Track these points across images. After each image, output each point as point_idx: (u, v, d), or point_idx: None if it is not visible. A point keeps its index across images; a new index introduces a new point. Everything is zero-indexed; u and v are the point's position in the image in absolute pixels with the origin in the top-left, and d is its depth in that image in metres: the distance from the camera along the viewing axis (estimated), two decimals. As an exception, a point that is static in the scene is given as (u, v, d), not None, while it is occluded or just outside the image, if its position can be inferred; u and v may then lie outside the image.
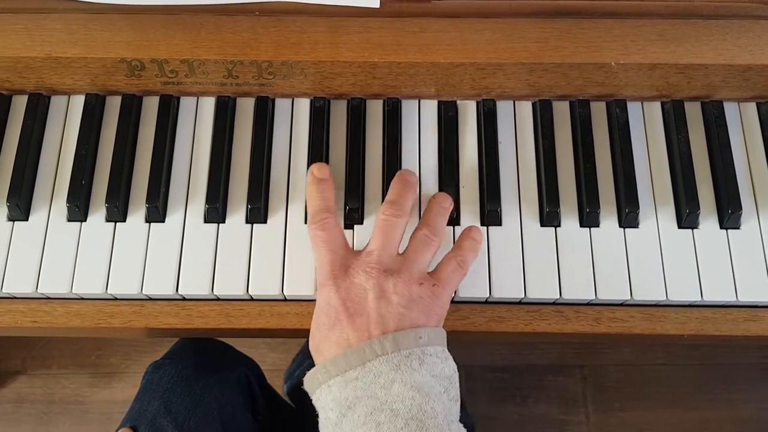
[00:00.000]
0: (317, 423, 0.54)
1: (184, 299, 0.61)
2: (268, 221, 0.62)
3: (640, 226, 0.62)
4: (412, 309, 0.52)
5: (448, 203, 0.60)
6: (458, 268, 0.56)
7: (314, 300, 0.60)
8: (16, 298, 0.61)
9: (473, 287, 0.59)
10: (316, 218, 0.56)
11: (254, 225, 0.62)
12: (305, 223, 0.62)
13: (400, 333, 0.50)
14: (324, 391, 0.50)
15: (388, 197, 0.58)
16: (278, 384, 1.16)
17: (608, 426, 1.30)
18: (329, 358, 0.50)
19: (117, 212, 0.61)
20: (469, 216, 0.62)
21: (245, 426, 0.75)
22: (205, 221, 0.62)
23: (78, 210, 0.61)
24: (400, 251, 0.56)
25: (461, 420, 0.52)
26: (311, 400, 0.54)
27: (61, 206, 0.62)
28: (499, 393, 1.29)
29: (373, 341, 0.49)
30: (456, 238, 0.61)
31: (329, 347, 0.51)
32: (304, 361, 1.12)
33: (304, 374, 1.13)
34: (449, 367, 0.51)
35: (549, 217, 0.61)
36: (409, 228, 0.58)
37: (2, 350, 1.33)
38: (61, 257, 0.60)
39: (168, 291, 0.59)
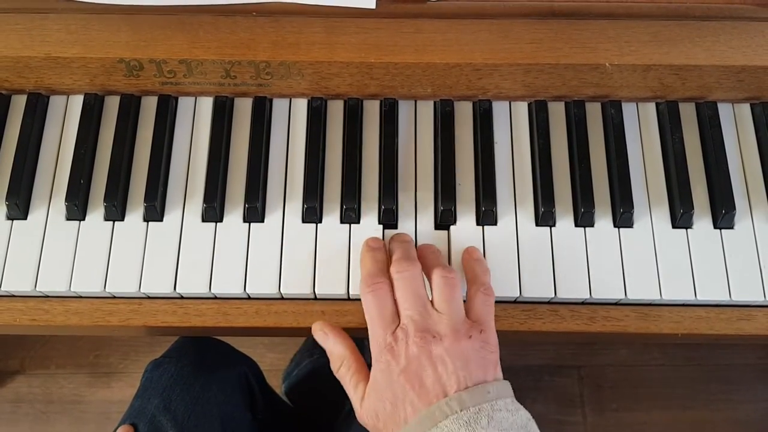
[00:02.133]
0: (315, 423, 0.55)
1: (182, 297, 0.61)
2: (265, 220, 0.62)
3: (634, 225, 0.62)
4: (470, 366, 0.51)
5: (434, 247, 0.60)
6: (487, 298, 0.56)
7: (311, 299, 0.61)
8: (14, 296, 0.61)
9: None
10: (369, 281, 0.55)
11: (251, 224, 0.62)
12: (303, 222, 0.62)
13: (466, 392, 0.50)
14: None
15: (392, 257, 0.57)
16: (276, 384, 1.16)
17: (605, 426, 1.30)
18: (403, 429, 0.50)
19: (115, 211, 0.61)
20: (465, 216, 0.62)
21: (244, 424, 0.75)
22: (203, 220, 0.62)
23: (76, 209, 0.61)
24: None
25: None
26: (310, 400, 0.54)
27: (59, 205, 0.62)
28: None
29: (441, 402, 0.49)
30: (451, 241, 0.61)
31: (396, 424, 0.51)
32: (302, 360, 1.12)
33: (303, 373, 1.13)
34: (521, 417, 0.51)
35: (544, 216, 0.62)
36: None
37: (1, 350, 1.33)
38: (60, 256, 0.61)
39: (166, 289, 0.60)
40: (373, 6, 0.60)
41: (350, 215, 0.62)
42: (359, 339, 0.58)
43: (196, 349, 0.76)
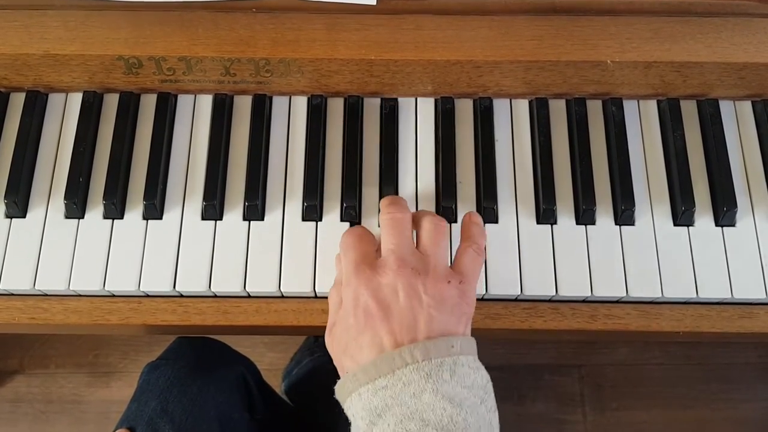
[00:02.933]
0: (315, 422, 0.55)
1: (182, 296, 0.61)
2: (265, 218, 0.62)
3: (635, 223, 0.62)
4: (443, 311, 0.50)
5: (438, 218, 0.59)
6: (477, 257, 0.54)
7: (311, 297, 0.61)
8: (13, 294, 0.61)
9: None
10: (354, 228, 0.55)
11: (251, 222, 0.62)
12: (303, 220, 0.62)
13: (431, 342, 0.48)
14: (354, 399, 0.49)
15: (382, 202, 0.56)
16: (276, 383, 1.16)
17: (605, 425, 1.30)
18: (359, 367, 0.49)
19: (114, 209, 0.61)
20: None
21: (243, 425, 0.75)
22: (203, 218, 0.62)
23: (76, 207, 0.61)
24: None
25: None
26: (310, 399, 0.54)
27: (58, 203, 0.62)
28: (497, 392, 1.27)
29: (403, 349, 0.48)
30: (452, 238, 0.61)
31: (361, 351, 0.49)
32: (303, 359, 1.12)
33: (303, 372, 1.13)
34: (482, 377, 0.50)
35: (545, 214, 0.61)
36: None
37: (0, 349, 1.33)
38: (59, 254, 0.60)
39: (165, 288, 0.60)
40: (373, 2, 0.60)
41: (350, 213, 0.62)
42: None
43: (193, 351, 0.76)
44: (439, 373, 0.47)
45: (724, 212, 0.61)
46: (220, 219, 0.62)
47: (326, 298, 0.61)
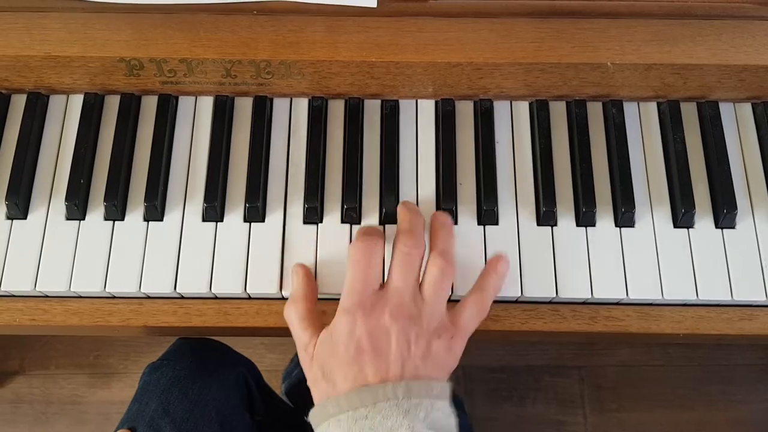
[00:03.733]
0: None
1: (182, 297, 0.61)
2: (266, 220, 0.62)
3: (635, 225, 0.62)
4: (428, 363, 0.52)
5: (450, 220, 0.59)
6: (478, 315, 0.56)
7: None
8: (14, 296, 0.61)
9: (469, 286, 0.59)
10: (360, 238, 0.55)
11: (252, 224, 0.62)
12: (304, 222, 0.62)
13: (414, 382, 0.50)
14: (333, 425, 0.50)
15: (402, 226, 0.57)
16: (277, 384, 1.16)
17: (606, 427, 1.30)
18: (343, 393, 0.51)
19: (115, 211, 0.61)
20: (467, 215, 0.62)
21: (243, 426, 0.75)
22: (203, 220, 0.62)
23: (76, 209, 0.61)
24: None
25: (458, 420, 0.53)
26: (310, 401, 0.54)
27: (59, 205, 0.62)
28: (497, 394, 1.29)
29: (387, 385, 0.50)
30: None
31: (344, 380, 0.51)
32: (302, 361, 1.12)
33: (302, 374, 1.13)
34: (450, 423, 0.52)
35: (545, 216, 0.61)
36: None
37: (0, 350, 1.33)
38: (60, 255, 0.60)
39: (166, 289, 0.60)
40: (374, 5, 0.60)
41: (351, 215, 0.62)
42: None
43: (194, 352, 0.76)
44: (416, 412, 0.49)
45: (724, 214, 0.61)
46: (221, 220, 0.62)
47: (327, 299, 0.61)
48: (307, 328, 0.55)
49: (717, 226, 0.62)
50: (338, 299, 0.60)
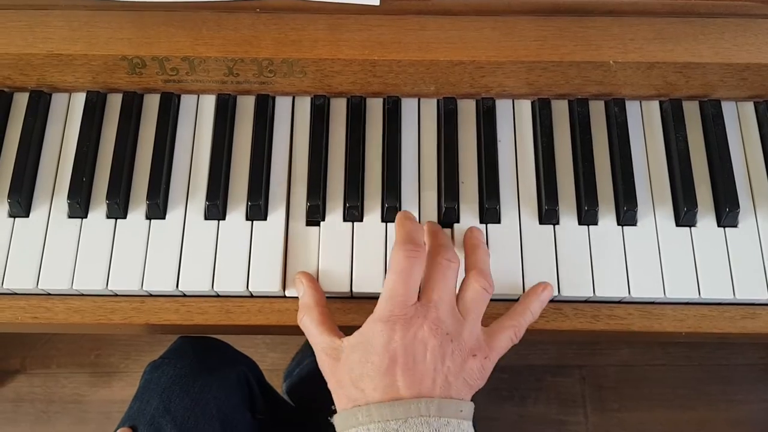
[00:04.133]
0: (316, 422, 0.55)
1: (184, 296, 0.61)
2: (268, 218, 0.62)
3: (638, 223, 0.62)
4: (459, 381, 0.52)
5: (484, 238, 0.60)
6: (512, 340, 0.56)
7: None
8: (16, 294, 0.61)
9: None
10: (409, 245, 0.54)
11: (254, 222, 0.62)
12: (306, 220, 0.62)
13: (445, 401, 0.50)
14: None
15: (437, 241, 0.56)
16: (278, 383, 1.16)
17: (607, 426, 1.30)
18: (374, 404, 0.50)
19: (118, 209, 0.61)
20: (469, 213, 0.62)
21: (244, 425, 0.75)
22: (206, 218, 0.62)
23: (79, 207, 0.61)
24: None
25: None
26: (311, 399, 0.54)
27: (62, 203, 0.62)
28: (498, 393, 1.29)
29: (420, 401, 0.50)
30: (455, 239, 0.61)
31: (374, 389, 0.51)
32: (304, 359, 1.12)
33: (304, 372, 1.13)
34: None
35: (547, 214, 0.61)
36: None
37: (1, 349, 1.33)
38: (62, 253, 0.60)
39: (168, 287, 0.60)
40: (376, 3, 0.60)
41: (353, 213, 0.62)
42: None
43: (195, 350, 0.76)
44: (444, 430, 0.49)
45: (727, 213, 0.61)
46: (223, 219, 0.62)
47: (329, 297, 0.61)
48: (325, 332, 0.55)
49: (719, 225, 0.62)
50: (340, 297, 0.61)
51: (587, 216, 0.62)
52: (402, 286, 0.53)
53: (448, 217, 0.62)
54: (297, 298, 0.61)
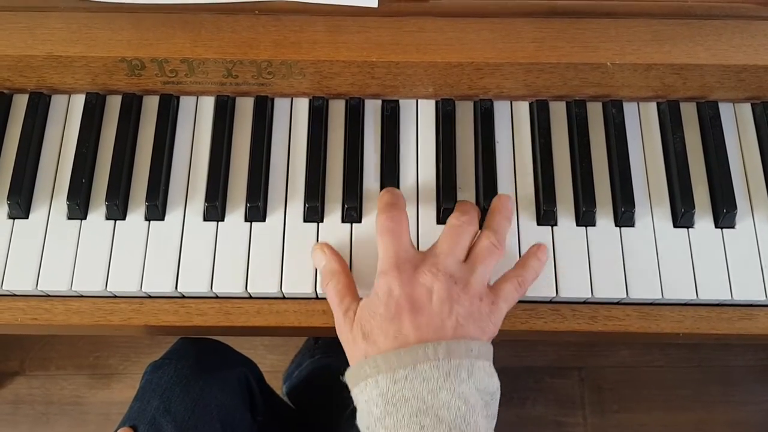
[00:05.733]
0: (316, 424, 0.55)
1: (183, 297, 0.61)
2: (266, 219, 0.62)
3: (635, 225, 0.62)
4: (469, 322, 0.51)
5: (512, 204, 0.60)
6: (518, 288, 0.56)
7: (312, 298, 0.61)
8: (16, 295, 0.61)
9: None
10: (387, 210, 0.56)
11: (253, 223, 0.62)
12: (304, 221, 0.62)
13: (453, 342, 0.50)
14: (371, 385, 0.50)
15: (456, 206, 0.58)
16: (277, 385, 1.16)
17: (606, 428, 1.30)
18: (380, 354, 0.50)
19: (117, 210, 0.61)
20: (467, 215, 0.62)
21: (244, 426, 0.75)
22: (205, 219, 0.62)
23: (78, 208, 0.61)
24: None
25: None
26: (311, 401, 0.54)
27: (61, 204, 0.62)
28: (497, 394, 1.29)
29: (428, 345, 0.49)
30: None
31: (384, 339, 0.51)
32: (303, 361, 1.12)
33: (304, 374, 1.13)
34: (493, 384, 0.51)
35: (545, 215, 0.62)
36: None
37: (0, 351, 1.33)
38: (61, 255, 0.61)
39: (167, 289, 0.60)
40: (375, 5, 0.60)
41: (352, 214, 0.62)
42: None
43: (196, 351, 0.76)
44: (457, 372, 0.49)
45: (724, 214, 0.62)
46: (222, 220, 0.62)
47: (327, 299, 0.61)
48: (346, 296, 0.55)
49: (717, 226, 0.62)
50: (339, 298, 0.61)
51: (585, 217, 0.62)
52: (392, 239, 0.54)
53: (446, 217, 0.62)
54: (296, 299, 0.61)
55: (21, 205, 0.61)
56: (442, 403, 0.48)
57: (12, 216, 0.62)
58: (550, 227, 0.62)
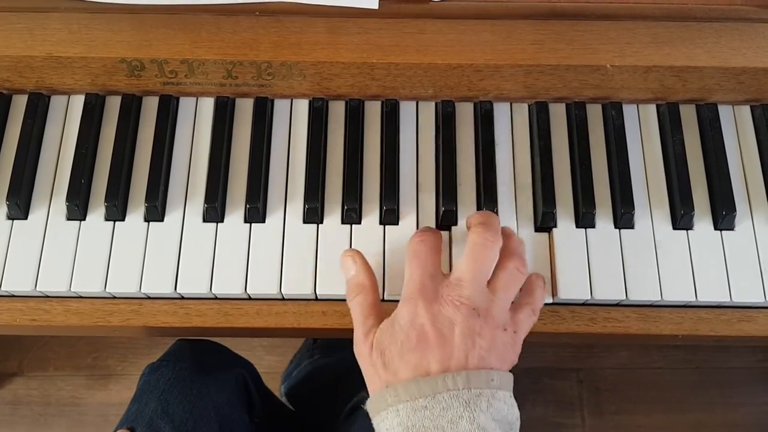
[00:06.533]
0: (315, 424, 0.55)
1: (183, 298, 0.61)
2: (266, 221, 0.62)
3: (635, 227, 0.62)
4: (492, 354, 0.51)
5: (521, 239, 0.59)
6: (532, 316, 0.56)
7: (312, 300, 0.61)
8: (14, 296, 0.61)
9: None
10: (424, 231, 0.56)
11: (252, 224, 0.62)
12: (304, 222, 0.62)
13: (474, 372, 0.50)
14: (391, 414, 0.50)
15: (479, 220, 0.56)
16: (275, 386, 1.16)
17: (604, 429, 1.30)
18: (401, 384, 0.50)
19: (116, 211, 0.61)
20: (466, 217, 0.62)
21: (242, 427, 0.75)
22: (204, 220, 0.62)
23: (77, 209, 0.61)
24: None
25: None
26: (309, 402, 0.54)
27: (60, 205, 0.62)
28: (496, 396, 1.29)
29: (447, 375, 0.49)
30: (452, 242, 0.62)
31: (405, 368, 0.50)
32: (302, 362, 1.12)
33: (302, 375, 1.13)
34: (513, 414, 0.51)
35: (545, 217, 0.62)
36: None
37: (-1, 352, 1.33)
38: (60, 256, 0.60)
39: (166, 290, 0.60)
40: (375, 6, 0.60)
41: (351, 216, 0.62)
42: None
43: (193, 352, 0.76)
44: (477, 402, 0.48)
45: (723, 216, 0.62)
46: (222, 221, 0.62)
47: (327, 300, 0.61)
48: (370, 315, 0.54)
49: (716, 228, 0.62)
50: (338, 300, 0.61)
51: (584, 219, 0.62)
52: (419, 265, 0.53)
53: (446, 219, 0.62)
54: (295, 300, 0.61)
55: (20, 205, 0.61)
56: None
57: (11, 217, 0.62)
58: (549, 229, 0.62)
